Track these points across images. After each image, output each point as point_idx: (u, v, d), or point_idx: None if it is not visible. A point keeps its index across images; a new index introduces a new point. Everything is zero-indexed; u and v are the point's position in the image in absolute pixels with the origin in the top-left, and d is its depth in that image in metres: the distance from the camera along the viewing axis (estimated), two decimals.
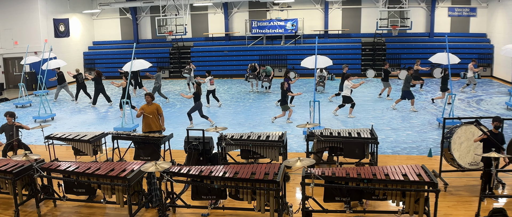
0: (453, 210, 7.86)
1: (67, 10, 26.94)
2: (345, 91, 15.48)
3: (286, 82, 15.03)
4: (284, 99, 15.05)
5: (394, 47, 26.19)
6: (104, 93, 19.13)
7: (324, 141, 9.74)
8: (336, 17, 27.46)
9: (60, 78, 20.94)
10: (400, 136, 13.02)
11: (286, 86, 14.84)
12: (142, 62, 16.50)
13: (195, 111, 14.72)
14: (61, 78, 20.97)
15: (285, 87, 14.85)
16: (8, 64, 25.80)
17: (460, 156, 8.80)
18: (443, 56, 15.26)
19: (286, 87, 14.86)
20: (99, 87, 18.92)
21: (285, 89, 14.86)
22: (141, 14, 29.89)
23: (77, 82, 20.45)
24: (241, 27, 28.65)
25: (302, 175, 7.14)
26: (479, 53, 24.61)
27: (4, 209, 8.53)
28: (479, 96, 18.67)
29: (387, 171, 7.21)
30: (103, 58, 29.44)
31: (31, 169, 8.01)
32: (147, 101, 11.37)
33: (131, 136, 10.64)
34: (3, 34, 25.11)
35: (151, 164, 7.09)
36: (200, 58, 27.78)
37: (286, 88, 14.88)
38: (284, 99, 15.04)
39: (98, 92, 19.04)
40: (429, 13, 26.10)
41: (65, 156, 11.71)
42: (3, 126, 10.71)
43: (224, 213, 8.00)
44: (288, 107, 15.07)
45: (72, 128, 15.39)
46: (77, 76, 20.37)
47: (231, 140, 9.72)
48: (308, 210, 7.33)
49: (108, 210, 8.35)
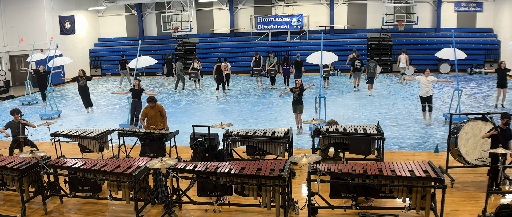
0: (460, 206, 7.82)
1: (72, 7, 27.02)
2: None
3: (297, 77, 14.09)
4: (301, 99, 13.13)
5: (400, 42, 26.04)
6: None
7: (330, 137, 9.71)
8: (342, 13, 27.36)
9: (122, 65, 21.50)
10: (406, 132, 12.96)
11: (299, 83, 13.01)
12: (148, 58, 16.53)
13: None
14: (122, 65, 21.70)
15: (299, 84, 13.02)
16: (14, 61, 25.92)
17: (467, 152, 8.75)
18: (449, 52, 15.17)
19: (299, 84, 12.99)
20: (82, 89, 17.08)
21: (301, 86, 13.02)
22: (146, 11, 29.91)
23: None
24: (247, 23, 28.62)
25: (308, 171, 7.12)
26: (485, 48, 24.45)
27: (10, 206, 8.57)
28: (486, 92, 18.54)
29: (393, 167, 7.18)
30: (109, 55, 29.49)
31: (38, 166, 8.04)
32: (150, 105, 11.17)
33: (137, 132, 10.65)
34: (9, 32, 25.20)
35: (157, 161, 7.09)
36: (206, 55, 27.77)
37: (300, 85, 13.02)
38: (301, 98, 13.11)
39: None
40: (435, 8, 25.96)
41: (71, 153, 11.75)
42: (10, 122, 10.76)
43: (230, 209, 8.00)
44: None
45: (78, 125, 15.44)
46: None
47: (237, 136, 9.72)
48: (314, 206, 7.33)
49: (114, 206, 8.37)
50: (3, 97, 21.83)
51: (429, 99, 13.50)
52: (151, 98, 11.23)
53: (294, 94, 12.93)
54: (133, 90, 13.99)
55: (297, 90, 12.86)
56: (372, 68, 18.53)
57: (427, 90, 13.42)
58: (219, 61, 19.59)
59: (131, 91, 14.03)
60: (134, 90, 13.96)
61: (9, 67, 25.58)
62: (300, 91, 12.86)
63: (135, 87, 13.95)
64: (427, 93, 13.44)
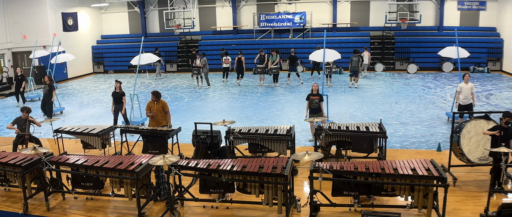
0: (462, 205, 7.81)
1: (75, 4, 27.03)
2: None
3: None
4: (320, 107, 11.79)
5: (403, 40, 26.03)
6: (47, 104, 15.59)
7: (332, 135, 9.70)
8: (345, 11, 27.31)
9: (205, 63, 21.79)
10: (409, 130, 12.95)
11: (316, 88, 11.68)
12: (150, 56, 16.54)
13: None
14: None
15: (317, 90, 11.68)
16: (17, 58, 25.95)
17: (470, 151, 8.74)
18: (452, 50, 15.15)
19: (316, 90, 11.68)
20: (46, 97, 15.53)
21: (320, 94, 11.75)
22: (149, 8, 29.91)
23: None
24: (249, 20, 28.59)
25: (310, 169, 7.12)
26: (488, 47, 24.39)
27: (13, 202, 8.59)
28: (489, 90, 18.51)
29: (395, 165, 7.17)
30: (111, 52, 29.54)
31: (40, 163, 8.06)
32: (153, 99, 11.12)
33: (139, 129, 10.66)
34: (12, 29, 25.24)
35: (159, 158, 7.11)
36: (208, 52, 27.73)
37: (318, 92, 11.72)
38: (320, 107, 11.78)
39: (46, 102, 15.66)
40: (438, 7, 25.89)
41: (74, 150, 11.78)
42: (17, 119, 10.89)
43: (232, 207, 8.01)
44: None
45: (80, 121, 15.47)
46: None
47: (239, 134, 9.71)
48: (316, 204, 7.33)
49: (116, 203, 8.39)
50: (5, 94, 21.86)
51: (469, 107, 12.62)
52: (156, 92, 11.14)
53: (313, 103, 11.71)
54: (114, 94, 13.10)
55: (317, 98, 11.69)
56: (355, 62, 19.48)
57: (469, 98, 12.56)
58: (240, 53, 21.91)
59: (112, 96, 13.19)
60: (115, 93, 13.05)
61: (12, 64, 25.60)
62: (320, 99, 11.71)
63: (116, 89, 13.05)
64: (468, 101, 12.57)
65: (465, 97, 12.58)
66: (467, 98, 12.58)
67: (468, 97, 12.57)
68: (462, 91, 12.62)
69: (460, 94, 12.67)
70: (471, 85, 12.64)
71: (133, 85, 14.78)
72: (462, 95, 12.62)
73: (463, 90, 12.62)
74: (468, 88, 12.59)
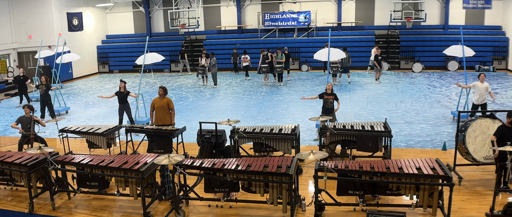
0: (467, 204, 7.78)
1: (80, 4, 27.11)
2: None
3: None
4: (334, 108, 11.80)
5: (408, 39, 25.94)
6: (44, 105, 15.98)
7: (337, 134, 9.69)
8: (350, 9, 27.24)
9: (181, 55, 21.87)
10: (414, 129, 12.91)
11: (330, 88, 11.62)
12: (155, 55, 16.56)
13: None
14: (182, 55, 22.18)
15: (331, 90, 11.61)
16: (22, 58, 26.06)
17: (475, 150, 8.70)
18: (458, 49, 15.08)
19: (330, 89, 11.58)
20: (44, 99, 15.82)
21: (335, 94, 11.73)
22: (154, 8, 29.96)
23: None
24: (254, 20, 28.58)
25: (315, 168, 7.12)
26: (494, 46, 24.26)
27: (18, 201, 8.63)
28: (494, 89, 18.42)
29: (401, 164, 7.15)
30: (116, 52, 29.61)
31: (46, 162, 8.09)
32: (159, 94, 11.29)
33: (144, 129, 10.69)
34: (17, 29, 25.35)
35: (164, 157, 7.12)
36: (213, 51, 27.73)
37: (332, 91, 11.67)
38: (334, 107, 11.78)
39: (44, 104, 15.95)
40: (443, 5, 25.78)
41: (79, 149, 11.82)
42: (21, 117, 10.88)
43: (237, 206, 8.01)
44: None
45: (86, 121, 15.52)
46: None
47: (244, 133, 9.72)
48: (321, 203, 7.32)
49: (121, 202, 8.41)
50: (11, 94, 21.96)
51: (484, 107, 12.53)
52: (164, 88, 11.29)
53: (328, 102, 11.63)
54: (118, 93, 13.08)
55: (332, 98, 11.60)
56: (345, 59, 20.53)
57: (484, 98, 12.52)
58: (264, 51, 22.00)
59: (116, 95, 13.13)
60: (120, 93, 13.04)
61: (18, 63, 25.72)
62: (334, 99, 11.62)
63: (121, 89, 13.05)
64: (483, 101, 12.54)
65: (480, 97, 12.51)
66: (482, 98, 12.51)
67: (483, 97, 12.50)
68: (477, 91, 12.55)
69: (475, 94, 12.62)
70: (486, 85, 12.54)
71: (138, 85, 14.81)
72: (477, 95, 12.55)
73: (478, 89, 12.53)
74: (483, 88, 12.48)
